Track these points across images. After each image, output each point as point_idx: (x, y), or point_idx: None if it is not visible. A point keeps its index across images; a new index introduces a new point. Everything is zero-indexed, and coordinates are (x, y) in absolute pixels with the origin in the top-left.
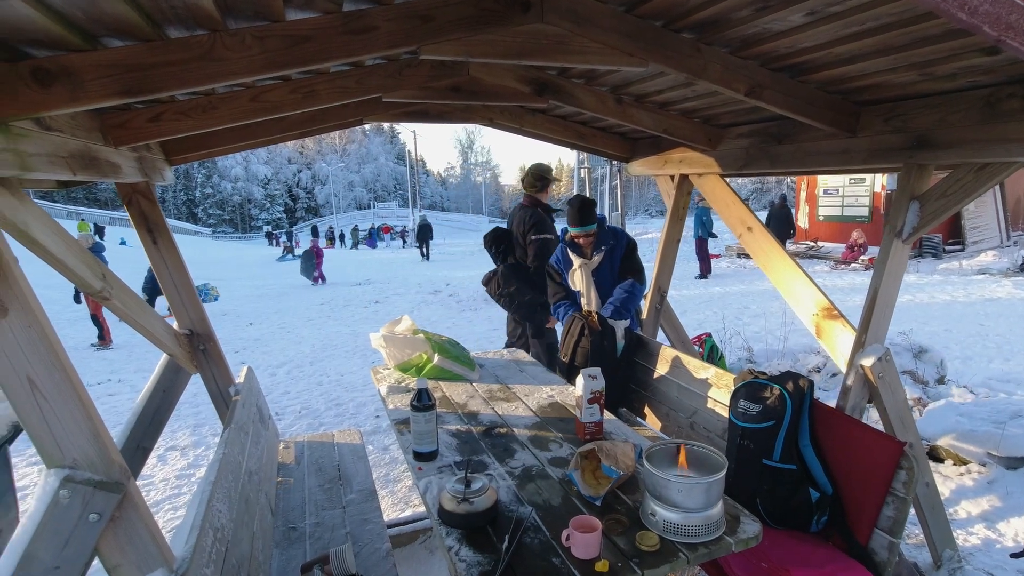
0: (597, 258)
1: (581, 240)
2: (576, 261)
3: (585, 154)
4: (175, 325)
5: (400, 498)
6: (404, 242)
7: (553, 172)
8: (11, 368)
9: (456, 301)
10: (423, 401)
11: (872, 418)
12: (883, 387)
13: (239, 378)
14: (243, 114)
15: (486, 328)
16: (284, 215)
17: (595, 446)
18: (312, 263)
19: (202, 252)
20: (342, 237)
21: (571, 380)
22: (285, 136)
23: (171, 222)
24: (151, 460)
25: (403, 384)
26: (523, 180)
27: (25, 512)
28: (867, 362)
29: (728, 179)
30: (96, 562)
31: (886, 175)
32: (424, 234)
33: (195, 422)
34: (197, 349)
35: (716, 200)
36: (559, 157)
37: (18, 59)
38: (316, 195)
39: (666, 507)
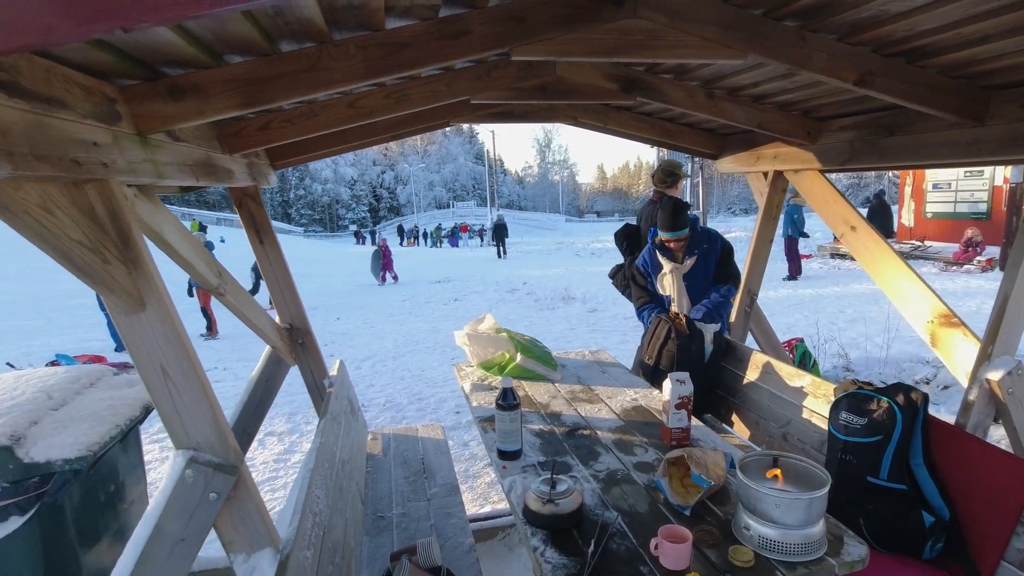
0: (689, 262)
1: (672, 244)
2: (666, 265)
3: (665, 151)
4: (276, 319)
5: (479, 494)
6: (481, 241)
7: (683, 168)
8: (148, 358)
9: (534, 300)
10: (508, 400)
11: (994, 437)
12: (1013, 404)
13: (332, 371)
14: (340, 120)
15: (563, 327)
16: (368, 214)
17: (684, 453)
18: (380, 262)
19: (295, 250)
20: (425, 235)
21: (655, 383)
22: (376, 140)
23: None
24: (251, 444)
25: (486, 382)
26: (653, 176)
27: (151, 484)
28: (994, 376)
29: (828, 175)
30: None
31: (1009, 167)
32: (500, 232)
33: (289, 410)
34: (296, 343)
35: (814, 197)
36: (638, 155)
37: (156, 78)
38: (398, 195)
39: (762, 522)
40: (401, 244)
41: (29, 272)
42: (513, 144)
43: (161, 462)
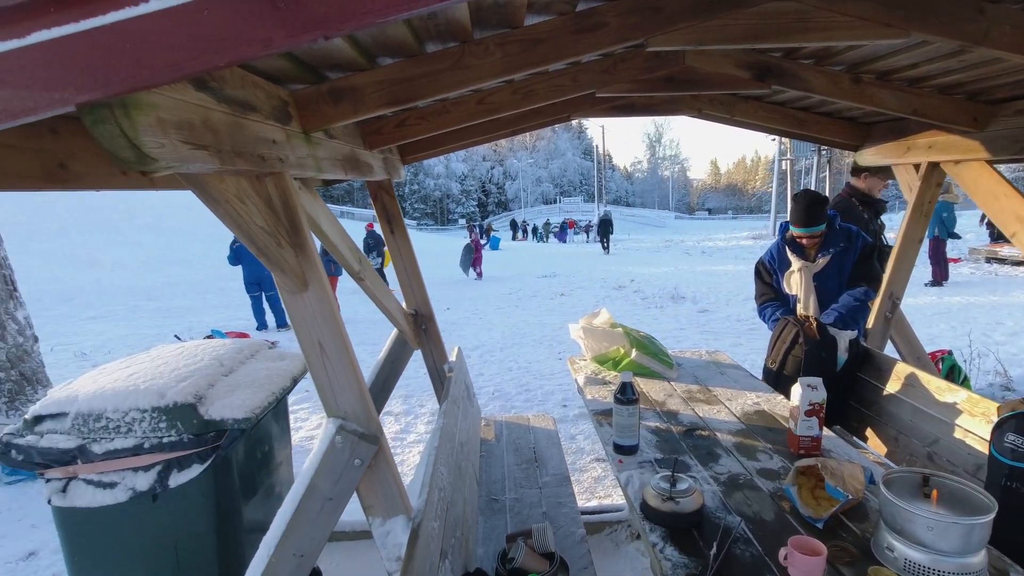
0: (822, 261)
1: (805, 241)
2: (796, 263)
3: (788, 144)
4: (403, 305)
5: (585, 488)
6: (587, 237)
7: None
8: (308, 334)
9: (641, 298)
10: (627, 395)
11: None
12: None
13: (451, 357)
14: (469, 116)
15: (672, 327)
16: (477, 209)
17: (818, 463)
18: (470, 256)
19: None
20: (535, 231)
21: (778, 388)
22: (497, 135)
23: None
24: None
25: (599, 376)
26: (852, 169)
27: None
28: None
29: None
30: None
31: None
32: (605, 228)
33: (405, 393)
34: (420, 328)
35: (979, 192)
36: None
37: (319, 82)
38: (506, 190)
39: (910, 544)
40: (513, 238)
41: (190, 258)
42: (622, 139)
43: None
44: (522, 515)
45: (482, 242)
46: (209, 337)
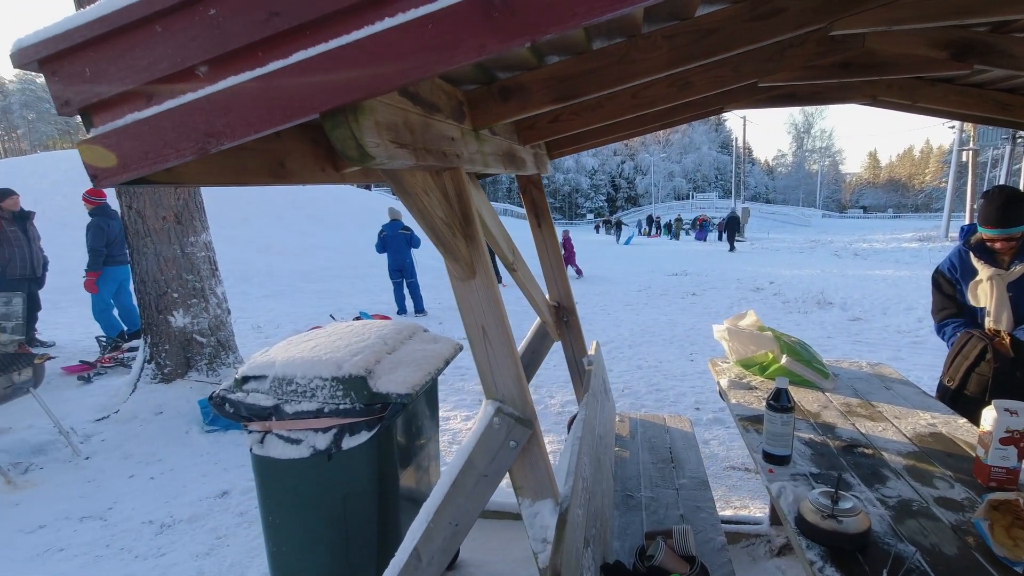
0: (1019, 268)
1: (998, 244)
2: (984, 271)
3: (973, 132)
4: (547, 296)
5: (719, 496)
6: (720, 235)
7: None
8: (473, 318)
9: (782, 301)
10: (782, 402)
11: None
12: None
13: (590, 351)
14: (622, 110)
15: (818, 335)
16: (605, 204)
17: (1017, 498)
18: (563, 254)
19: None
20: (667, 227)
21: (956, 409)
22: (645, 129)
23: (512, 207)
24: None
25: (744, 380)
26: None
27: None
28: None
29: None
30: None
31: None
32: (731, 226)
33: (534, 383)
34: (561, 320)
35: None
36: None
37: (490, 82)
38: (636, 185)
39: None
40: (649, 234)
41: (341, 245)
42: (764, 130)
43: None
44: (658, 515)
45: (622, 237)
46: (357, 318)
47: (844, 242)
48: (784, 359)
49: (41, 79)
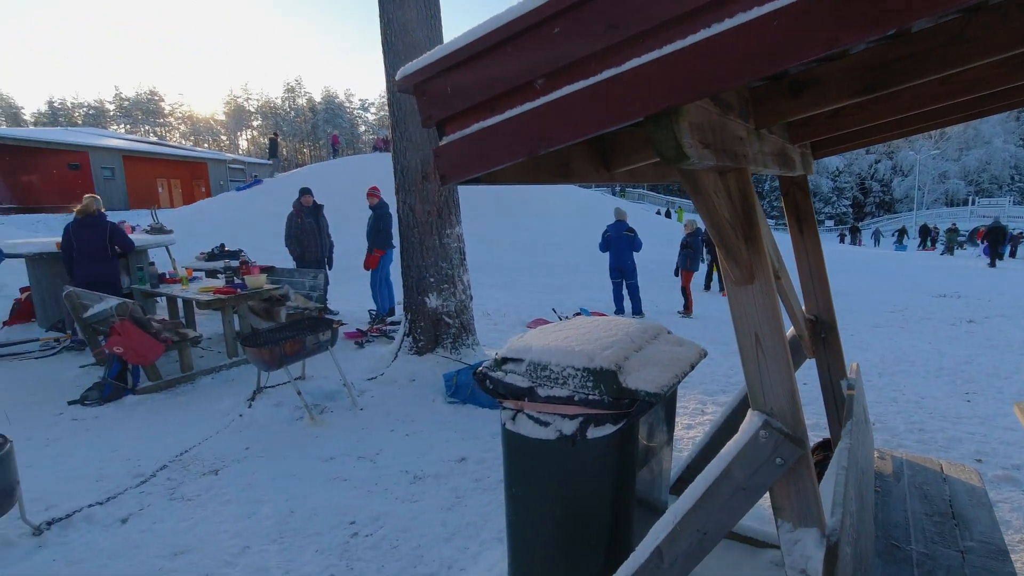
0: None
1: None
2: None
3: None
4: (803, 308)
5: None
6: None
7: None
8: (747, 325)
9: None
10: None
11: None
12: None
13: (849, 372)
14: (922, 101)
15: None
16: (850, 209)
17: None
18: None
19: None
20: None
21: None
22: (947, 121)
23: None
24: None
25: None
26: None
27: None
28: None
29: None
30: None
31: None
32: (995, 237)
33: None
34: (818, 336)
35: None
36: None
37: (780, 76)
38: (893, 188)
39: None
40: (922, 247)
41: (561, 242)
42: None
43: None
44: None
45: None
46: (578, 314)
47: None
48: None
49: (339, 99)
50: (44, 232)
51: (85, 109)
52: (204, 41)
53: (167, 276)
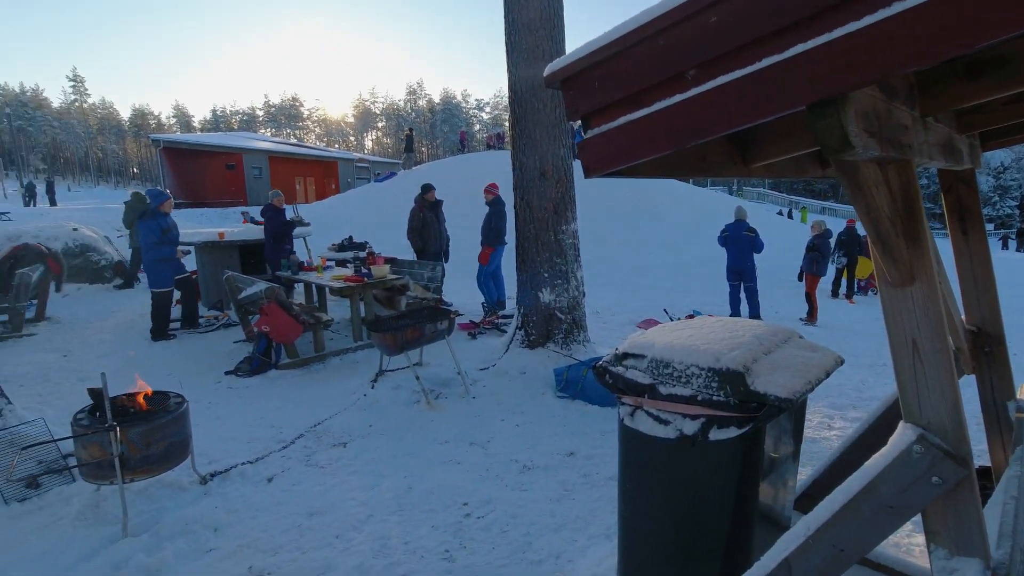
0: None
1: None
2: None
3: None
4: (964, 318)
5: None
6: None
7: None
8: (902, 330)
9: None
10: None
11: None
12: None
13: (1020, 394)
14: None
15: None
16: (1016, 211)
17: None
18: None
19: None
20: None
21: None
22: None
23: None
24: None
25: None
26: None
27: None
28: None
29: None
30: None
31: None
32: None
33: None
34: (980, 349)
35: None
36: None
37: (955, 58)
38: None
39: None
40: None
41: (675, 243)
42: None
43: None
44: None
45: None
46: (691, 316)
47: None
48: None
49: (456, 99)
50: (207, 223)
51: (240, 116)
52: (338, 49)
53: (305, 264)
